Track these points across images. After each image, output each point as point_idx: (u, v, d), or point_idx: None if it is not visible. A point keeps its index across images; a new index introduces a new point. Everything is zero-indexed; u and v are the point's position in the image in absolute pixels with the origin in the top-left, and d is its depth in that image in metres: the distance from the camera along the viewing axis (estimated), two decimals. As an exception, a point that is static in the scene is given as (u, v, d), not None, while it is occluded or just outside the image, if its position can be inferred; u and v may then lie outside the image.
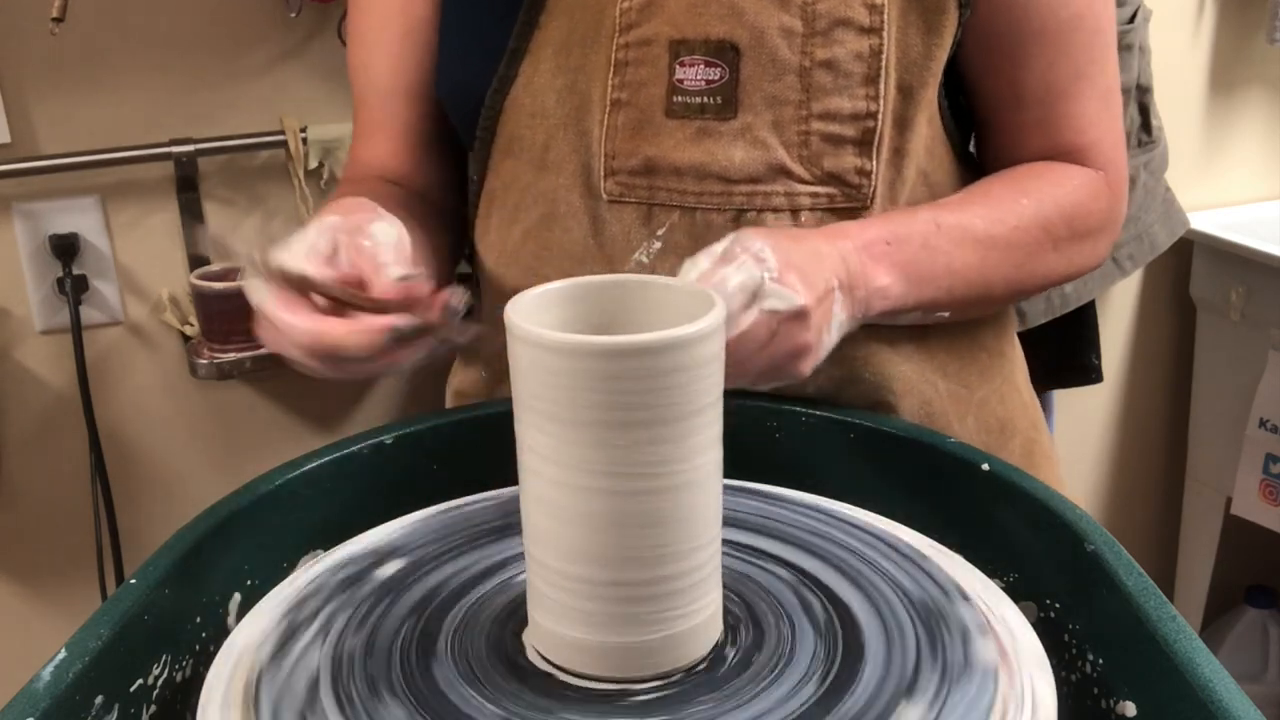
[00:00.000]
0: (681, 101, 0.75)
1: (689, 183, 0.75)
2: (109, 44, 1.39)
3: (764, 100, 0.74)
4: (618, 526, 0.49)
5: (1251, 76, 1.90)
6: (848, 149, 0.75)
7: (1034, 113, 0.81)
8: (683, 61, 0.74)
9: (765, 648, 0.53)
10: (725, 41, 0.73)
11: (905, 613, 0.55)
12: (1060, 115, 0.81)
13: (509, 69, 0.78)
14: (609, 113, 0.76)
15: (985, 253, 0.76)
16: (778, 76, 0.73)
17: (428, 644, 0.54)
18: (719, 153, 0.75)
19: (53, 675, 0.48)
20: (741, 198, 0.75)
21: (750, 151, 0.74)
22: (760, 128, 0.74)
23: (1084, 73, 0.80)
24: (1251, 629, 1.95)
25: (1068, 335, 1.62)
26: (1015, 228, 0.77)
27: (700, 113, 0.75)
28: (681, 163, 0.75)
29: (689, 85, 0.74)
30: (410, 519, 0.66)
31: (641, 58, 0.75)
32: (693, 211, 0.76)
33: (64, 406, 1.48)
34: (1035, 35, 0.78)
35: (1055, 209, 0.79)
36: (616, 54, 0.75)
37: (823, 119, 0.74)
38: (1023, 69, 0.79)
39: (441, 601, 0.57)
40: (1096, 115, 0.81)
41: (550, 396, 0.49)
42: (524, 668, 0.53)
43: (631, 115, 0.76)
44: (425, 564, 0.61)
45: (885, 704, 0.49)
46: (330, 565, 0.61)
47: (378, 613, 0.57)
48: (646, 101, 0.75)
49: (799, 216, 0.75)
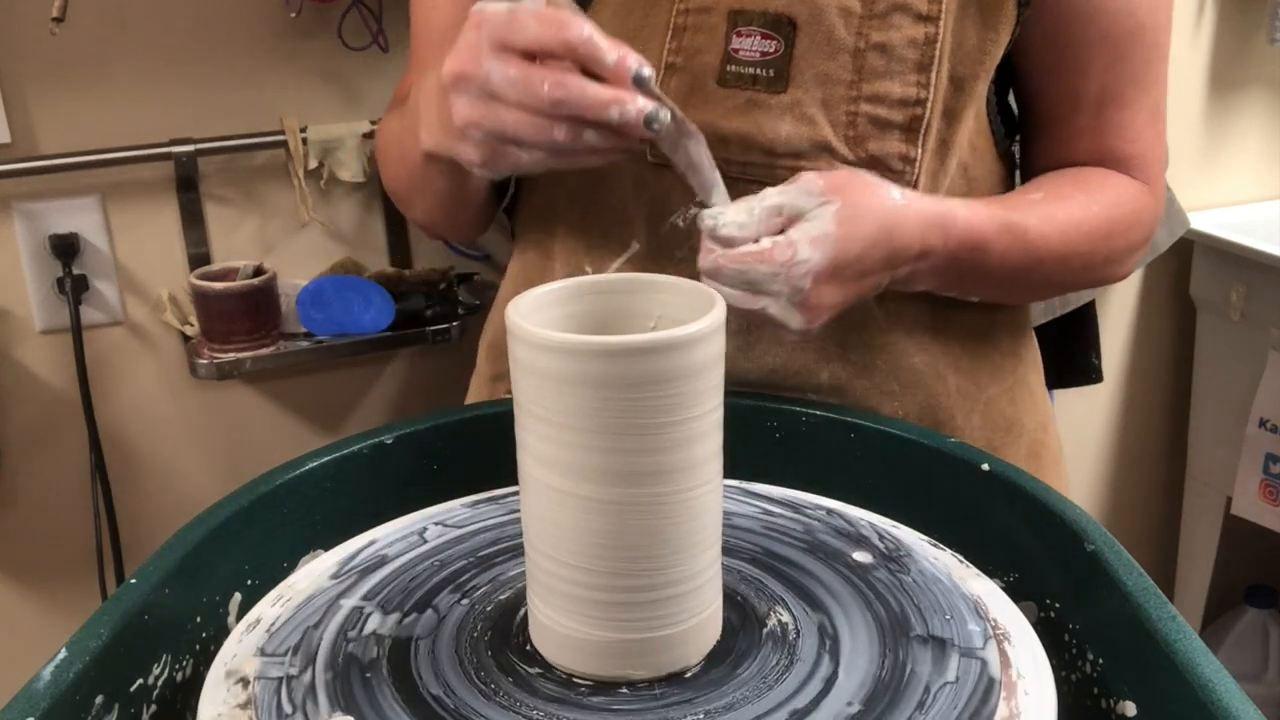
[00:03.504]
0: (734, 71, 0.75)
1: (734, 152, 0.76)
2: (109, 44, 1.39)
3: (815, 77, 0.75)
4: (617, 529, 0.49)
5: (1251, 76, 1.90)
6: (894, 134, 0.75)
7: (1087, 118, 0.81)
8: (739, 31, 0.75)
9: (764, 649, 0.53)
10: (783, 15, 0.74)
11: (905, 613, 0.56)
12: (1112, 123, 0.81)
13: None
14: (662, 76, 0.76)
15: (1038, 256, 0.76)
16: (832, 55, 0.74)
17: (427, 643, 0.54)
18: (766, 125, 0.75)
19: (53, 675, 0.48)
20: (785, 171, 0.75)
21: (797, 127, 0.75)
22: (809, 104, 0.75)
23: (1140, 83, 0.81)
24: (1251, 629, 1.95)
25: (1068, 335, 1.62)
26: (1070, 232, 0.78)
27: (752, 84, 0.75)
28: (728, 131, 0.76)
29: (744, 55, 0.75)
30: (411, 518, 0.66)
31: (700, 24, 0.75)
32: (735, 181, 0.75)
33: (64, 406, 1.48)
34: (1098, 41, 0.79)
35: (1108, 219, 0.79)
36: (676, 19, 0.76)
37: (871, 101, 0.75)
38: (1081, 73, 0.80)
39: (441, 601, 0.57)
40: (1144, 127, 0.82)
41: (550, 396, 0.49)
42: (523, 666, 0.53)
43: (684, 80, 0.76)
44: (420, 564, 0.61)
45: (885, 704, 0.49)
46: (330, 565, 0.61)
47: (378, 612, 0.57)
48: (700, 68, 0.76)
49: None
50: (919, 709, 0.48)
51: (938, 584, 0.58)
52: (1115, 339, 1.95)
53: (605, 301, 0.56)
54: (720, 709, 0.49)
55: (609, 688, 0.51)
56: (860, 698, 0.49)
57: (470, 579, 0.59)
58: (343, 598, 0.58)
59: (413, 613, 0.56)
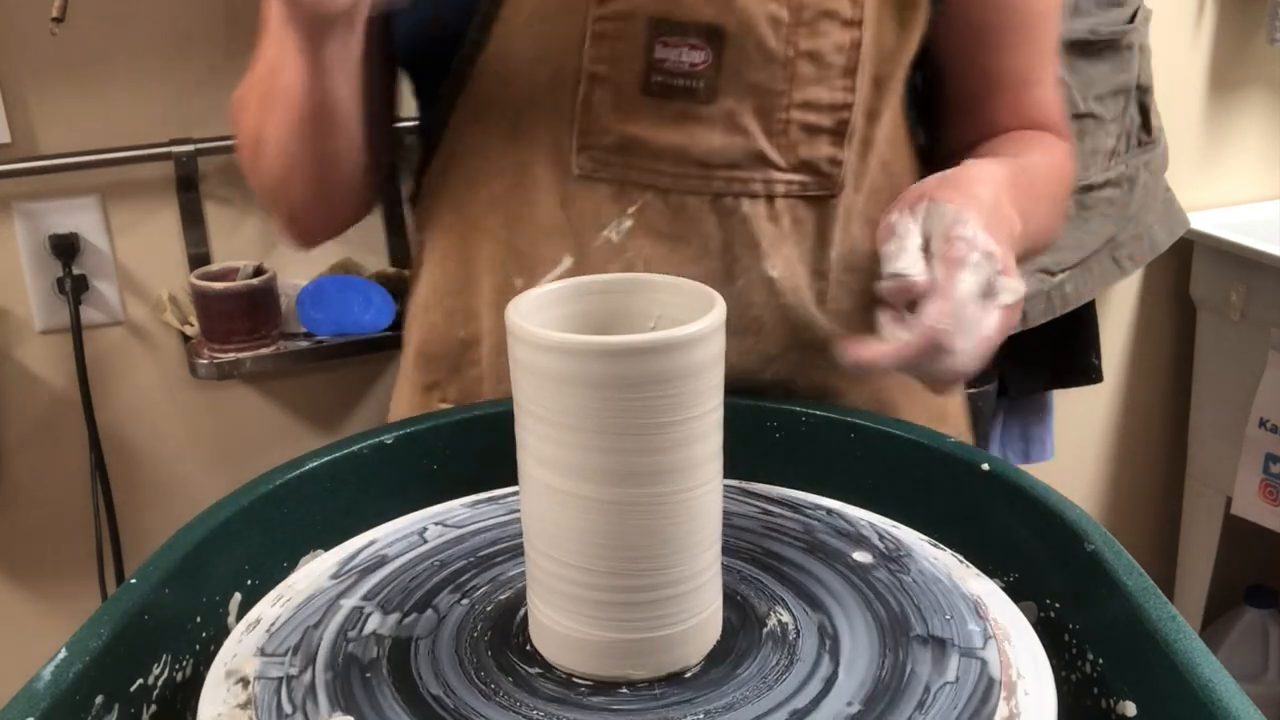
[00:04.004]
0: (660, 81, 0.73)
1: (666, 164, 0.75)
2: (109, 44, 1.39)
3: (746, 87, 0.74)
4: (617, 529, 0.49)
5: (1251, 76, 1.90)
6: (823, 138, 0.75)
7: (1008, 96, 0.85)
8: (665, 42, 0.73)
9: (764, 649, 0.53)
10: (713, 25, 0.72)
11: (905, 613, 0.56)
12: (1032, 98, 0.86)
13: (480, 35, 0.75)
14: (584, 87, 0.74)
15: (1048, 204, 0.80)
16: (763, 65, 0.73)
17: (427, 643, 0.54)
18: (699, 137, 0.74)
19: (53, 675, 0.48)
20: (720, 182, 0.75)
21: (730, 138, 0.74)
22: (741, 114, 0.74)
23: (1046, 57, 0.86)
24: (1251, 629, 1.95)
25: (1068, 335, 1.62)
26: (1050, 183, 0.82)
27: (680, 95, 0.74)
28: (660, 144, 0.74)
29: (670, 66, 0.73)
30: (411, 519, 0.66)
31: (619, 32, 0.73)
32: (666, 193, 0.75)
33: (64, 406, 1.48)
34: (1015, 23, 0.83)
35: (1061, 173, 0.85)
36: (594, 26, 0.73)
37: (802, 109, 0.74)
38: (1001, 55, 0.84)
39: (441, 601, 0.57)
40: (1054, 97, 0.88)
41: (550, 396, 0.49)
42: (523, 666, 0.53)
43: (608, 91, 0.74)
44: (419, 564, 0.61)
45: (885, 704, 0.49)
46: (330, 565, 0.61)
47: (378, 612, 0.57)
48: (624, 78, 0.74)
49: (774, 203, 0.76)
50: (919, 709, 0.48)
51: (938, 584, 0.58)
52: (1115, 339, 1.95)
53: (605, 301, 0.56)
54: (720, 709, 0.49)
55: (609, 688, 0.51)
56: (860, 698, 0.49)
57: (470, 579, 0.59)
58: (343, 598, 0.58)
59: (413, 613, 0.56)
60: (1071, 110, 1.44)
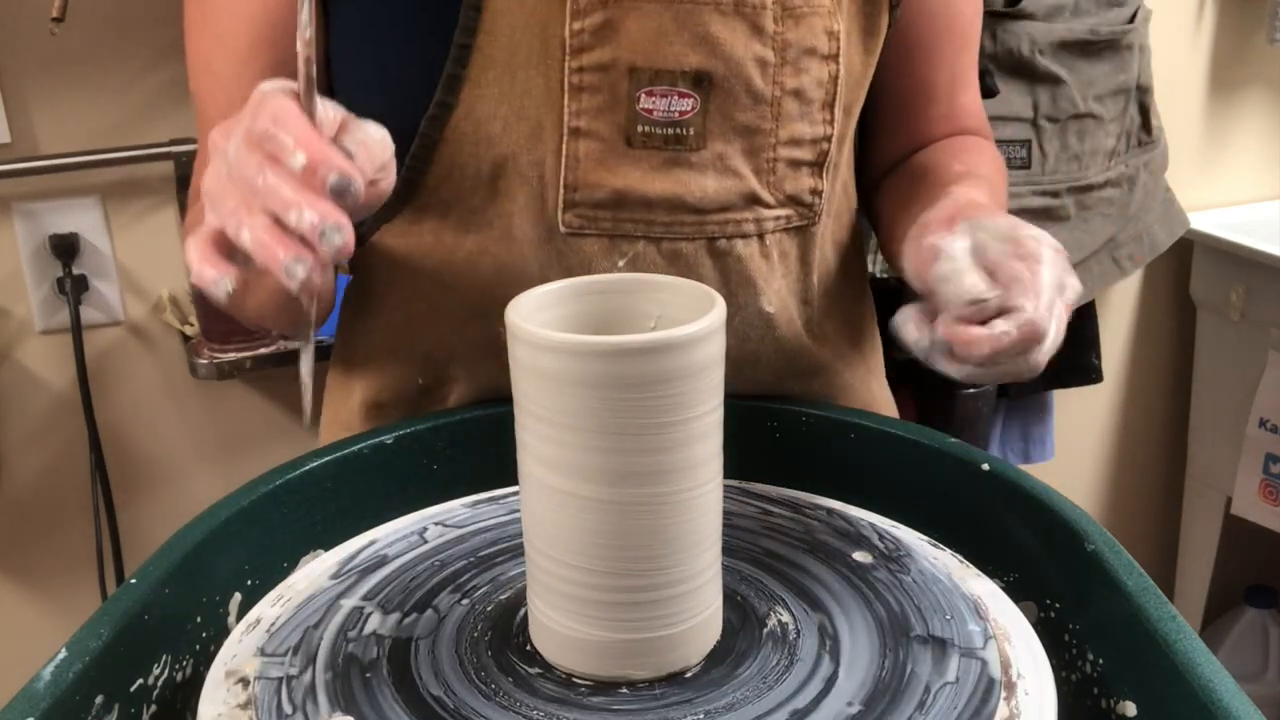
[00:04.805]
0: (647, 131, 0.71)
1: (659, 214, 0.73)
2: (109, 44, 1.39)
3: (735, 129, 0.72)
4: (617, 529, 0.49)
5: (1251, 76, 1.90)
6: (805, 171, 0.75)
7: (942, 105, 0.86)
8: (650, 91, 0.70)
9: (764, 649, 0.53)
10: (700, 72, 0.70)
11: (905, 613, 0.56)
12: (961, 105, 0.87)
13: (448, 95, 0.71)
14: (566, 142, 0.71)
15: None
16: (751, 106, 0.72)
17: (427, 643, 0.54)
18: (691, 183, 0.72)
19: (53, 675, 0.48)
20: (714, 226, 0.74)
21: (722, 181, 0.73)
22: (731, 156, 0.73)
23: (972, 63, 0.87)
24: (1251, 629, 1.95)
25: (1067, 335, 1.61)
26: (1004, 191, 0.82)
27: (669, 144, 0.71)
28: (652, 194, 0.72)
29: (658, 116, 0.70)
30: (411, 519, 0.66)
31: (598, 83, 0.70)
32: (659, 241, 0.73)
33: (64, 406, 1.48)
34: (946, 34, 0.84)
35: (1004, 179, 0.85)
36: (570, 78, 0.70)
37: (788, 145, 0.74)
38: (934, 66, 0.85)
39: (441, 601, 0.57)
40: (979, 101, 0.89)
41: (550, 396, 0.49)
42: (523, 666, 0.53)
43: (592, 145, 0.71)
44: (419, 564, 0.61)
45: (885, 704, 0.49)
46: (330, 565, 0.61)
47: (378, 612, 0.57)
48: (608, 130, 0.71)
49: (764, 239, 0.75)
50: (919, 709, 0.48)
51: (938, 584, 0.58)
52: (1115, 339, 1.95)
53: (605, 301, 0.56)
54: (720, 709, 0.49)
55: (609, 688, 0.51)
56: (860, 698, 0.49)
57: (470, 579, 0.59)
58: (343, 598, 0.58)
59: (413, 613, 0.56)
60: (1071, 110, 1.44)
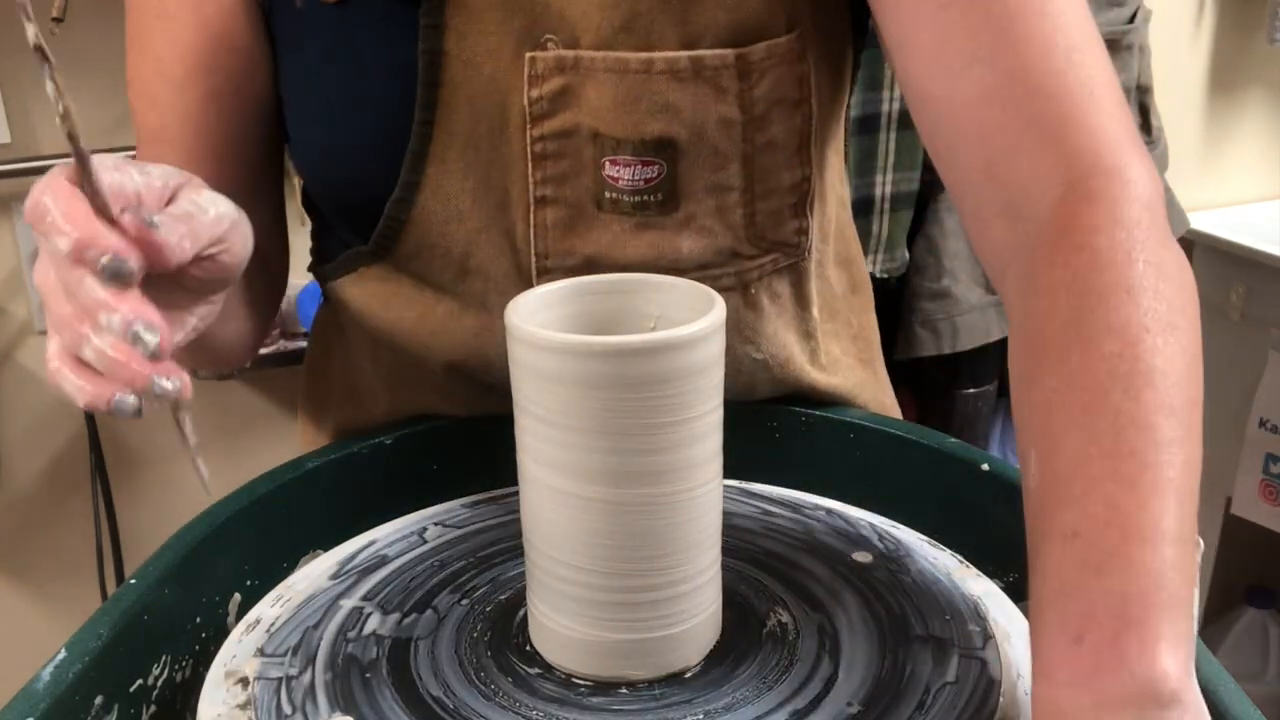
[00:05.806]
0: (614, 198, 0.69)
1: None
2: (109, 44, 1.39)
3: (706, 190, 0.70)
4: (617, 529, 0.49)
5: (1251, 76, 1.90)
6: (787, 214, 0.73)
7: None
8: (614, 160, 0.68)
9: (764, 649, 0.53)
10: (662, 139, 0.67)
11: (904, 613, 0.56)
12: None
13: (412, 175, 0.69)
14: (534, 210, 0.69)
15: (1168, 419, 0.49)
16: (720, 167, 0.69)
17: (427, 643, 0.54)
18: (665, 245, 0.70)
19: (53, 675, 0.48)
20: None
21: (697, 240, 0.71)
22: (705, 216, 0.70)
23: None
24: (1251, 629, 1.95)
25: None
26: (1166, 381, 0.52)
27: (637, 210, 0.69)
28: (626, 259, 0.70)
29: (624, 185, 0.68)
30: (411, 519, 0.66)
31: (561, 150, 0.68)
32: None
33: (64, 406, 1.48)
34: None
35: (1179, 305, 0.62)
36: (533, 146, 0.68)
37: (765, 197, 0.71)
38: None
39: (440, 601, 0.57)
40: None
41: (550, 397, 0.49)
42: (523, 666, 0.53)
43: (560, 212, 0.69)
44: (420, 564, 0.61)
45: (885, 704, 0.49)
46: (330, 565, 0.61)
47: (378, 613, 0.57)
48: (575, 196, 0.69)
49: (749, 290, 0.73)
50: (919, 709, 0.48)
51: (937, 584, 0.58)
52: (1115, 339, 1.95)
53: (605, 301, 0.56)
54: (720, 709, 0.49)
55: (609, 688, 0.51)
56: (860, 698, 0.49)
57: (470, 579, 0.59)
58: (342, 598, 0.58)
59: (412, 613, 0.56)
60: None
